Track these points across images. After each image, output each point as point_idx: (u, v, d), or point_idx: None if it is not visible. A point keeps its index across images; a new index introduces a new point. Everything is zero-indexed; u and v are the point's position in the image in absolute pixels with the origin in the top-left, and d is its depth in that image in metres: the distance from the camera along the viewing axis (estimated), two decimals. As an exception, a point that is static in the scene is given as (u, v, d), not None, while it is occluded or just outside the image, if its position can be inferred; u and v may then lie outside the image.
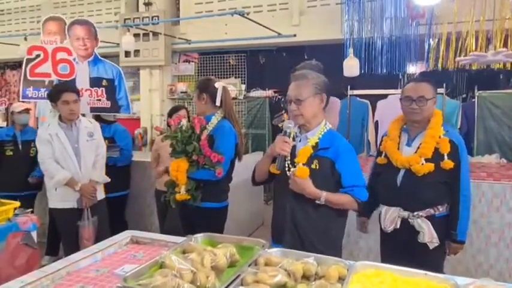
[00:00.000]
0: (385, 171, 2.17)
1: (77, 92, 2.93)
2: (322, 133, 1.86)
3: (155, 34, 6.16)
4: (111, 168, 3.42)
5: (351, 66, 4.33)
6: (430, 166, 1.99)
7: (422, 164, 2.00)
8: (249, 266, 1.33)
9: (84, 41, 3.51)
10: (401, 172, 2.09)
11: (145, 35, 6.21)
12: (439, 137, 2.03)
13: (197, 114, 2.54)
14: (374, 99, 5.60)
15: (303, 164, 1.80)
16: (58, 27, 3.55)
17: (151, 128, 6.47)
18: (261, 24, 5.20)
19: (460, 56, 4.38)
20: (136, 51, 6.22)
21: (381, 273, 1.32)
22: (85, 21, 3.57)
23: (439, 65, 4.79)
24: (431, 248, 2.04)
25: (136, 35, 5.94)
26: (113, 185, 3.26)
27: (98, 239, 2.63)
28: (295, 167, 1.81)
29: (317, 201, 1.78)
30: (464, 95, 5.85)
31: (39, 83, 3.50)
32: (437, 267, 2.04)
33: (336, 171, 1.81)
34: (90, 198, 2.88)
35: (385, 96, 5.44)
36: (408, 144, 2.12)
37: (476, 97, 4.87)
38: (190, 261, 1.31)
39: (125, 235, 1.82)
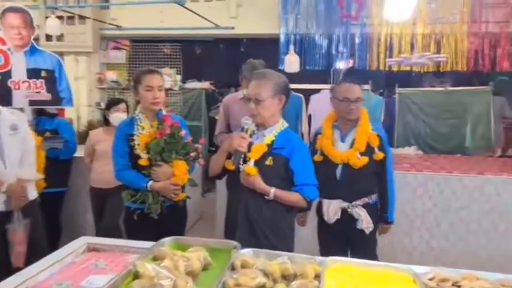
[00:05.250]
0: (322, 167, 2.30)
1: None
2: (279, 131, 1.93)
3: (82, 18, 5.70)
4: (52, 161, 3.20)
5: (292, 62, 4.48)
6: (365, 159, 2.24)
7: (358, 157, 2.24)
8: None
9: (20, 29, 3.26)
10: (340, 166, 2.30)
11: (70, 17, 5.71)
12: (369, 132, 2.28)
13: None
14: (308, 94, 5.85)
15: (256, 160, 1.86)
16: None
17: (77, 119, 6.01)
18: (198, 14, 5.08)
19: (388, 57, 4.81)
20: (60, 36, 5.69)
21: (347, 267, 1.43)
22: (19, 8, 3.31)
23: (370, 64, 5.15)
24: (367, 232, 2.30)
25: (59, 17, 5.41)
26: (52, 179, 3.04)
27: (32, 242, 2.46)
28: (247, 162, 1.86)
29: (266, 197, 1.86)
30: (381, 90, 6.37)
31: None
32: (372, 250, 2.36)
33: (289, 169, 1.89)
34: (20, 199, 2.62)
35: (318, 90, 5.73)
36: (342, 140, 2.35)
37: (396, 94, 5.36)
38: (165, 269, 1.29)
39: (80, 242, 1.72)
